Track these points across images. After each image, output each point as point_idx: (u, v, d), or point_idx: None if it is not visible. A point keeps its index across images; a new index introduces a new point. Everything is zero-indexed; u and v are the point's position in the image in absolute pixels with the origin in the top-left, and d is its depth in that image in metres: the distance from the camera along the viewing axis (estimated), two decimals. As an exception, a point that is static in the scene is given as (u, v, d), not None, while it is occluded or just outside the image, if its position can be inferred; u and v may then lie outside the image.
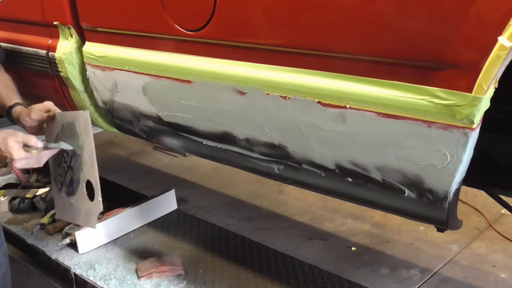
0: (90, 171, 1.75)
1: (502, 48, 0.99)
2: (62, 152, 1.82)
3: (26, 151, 1.61)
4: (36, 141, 1.64)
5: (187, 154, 3.82)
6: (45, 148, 1.69)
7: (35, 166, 1.69)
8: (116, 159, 3.97)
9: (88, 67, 1.98)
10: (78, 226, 2.28)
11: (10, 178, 2.79)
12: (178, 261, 2.11)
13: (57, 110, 1.86)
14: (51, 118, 1.85)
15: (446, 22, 1.06)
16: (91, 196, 1.76)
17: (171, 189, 2.57)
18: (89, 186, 1.77)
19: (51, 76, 2.18)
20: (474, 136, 1.10)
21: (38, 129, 1.89)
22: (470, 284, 2.35)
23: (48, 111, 1.83)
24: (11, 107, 1.92)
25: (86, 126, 1.74)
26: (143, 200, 2.50)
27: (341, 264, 2.48)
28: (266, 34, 1.39)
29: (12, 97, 1.96)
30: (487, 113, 1.07)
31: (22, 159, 1.61)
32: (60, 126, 1.83)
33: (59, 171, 1.90)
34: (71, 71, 2.05)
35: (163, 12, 1.61)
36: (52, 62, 2.11)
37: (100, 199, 1.73)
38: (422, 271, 2.43)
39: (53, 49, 2.09)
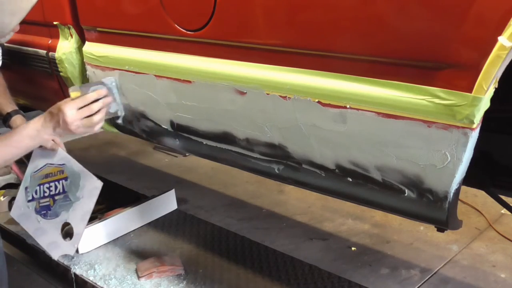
0: (78, 222, 1.83)
1: (502, 48, 0.99)
2: (47, 178, 1.86)
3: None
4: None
5: (187, 154, 3.82)
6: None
7: (93, 121, 1.69)
8: (116, 159, 3.97)
9: (88, 67, 1.98)
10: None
11: (10, 178, 2.79)
12: (178, 261, 2.11)
13: (61, 148, 1.89)
14: (52, 148, 1.87)
15: (446, 22, 1.06)
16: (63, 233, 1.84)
17: (171, 189, 2.57)
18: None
19: (51, 76, 2.18)
20: (474, 136, 1.10)
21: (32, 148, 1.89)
22: (470, 284, 2.35)
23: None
24: (9, 115, 1.92)
25: (93, 193, 1.82)
26: (143, 200, 2.50)
27: (341, 264, 2.48)
28: (266, 34, 1.39)
29: (8, 104, 1.97)
30: (487, 113, 1.07)
31: (71, 110, 1.64)
32: (61, 161, 1.89)
33: (36, 188, 1.92)
34: (71, 71, 2.06)
35: (163, 12, 1.61)
36: (52, 62, 2.12)
37: (77, 246, 1.83)
38: (422, 271, 2.43)
39: (53, 49, 2.09)
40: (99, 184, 1.81)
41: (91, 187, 1.83)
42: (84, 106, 1.68)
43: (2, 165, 1.89)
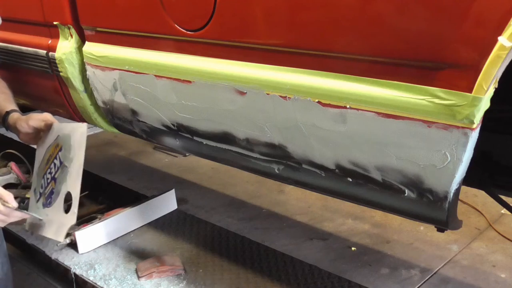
0: (74, 183, 1.75)
1: (502, 48, 0.99)
2: (48, 163, 1.83)
3: None
4: (12, 199, 1.60)
5: (187, 154, 3.82)
6: (17, 209, 1.63)
7: (0, 224, 1.62)
8: (116, 159, 3.97)
9: (88, 67, 1.98)
10: (78, 226, 2.28)
11: (10, 178, 2.79)
12: (178, 261, 2.11)
13: (55, 121, 1.86)
14: (48, 128, 1.86)
15: (446, 22, 1.06)
16: (67, 209, 1.77)
17: (171, 189, 2.57)
18: (69, 199, 1.77)
19: (51, 76, 2.18)
20: (474, 136, 1.10)
21: (33, 137, 1.90)
22: (470, 284, 2.35)
23: (46, 121, 1.83)
24: (7, 113, 1.92)
25: (81, 140, 1.75)
26: (143, 200, 2.50)
27: (341, 264, 2.48)
28: (266, 34, 1.39)
29: (8, 104, 1.97)
30: (487, 113, 1.07)
31: None
32: (55, 136, 1.84)
33: (41, 182, 1.89)
34: (71, 71, 2.05)
35: (163, 12, 1.61)
36: (52, 62, 2.11)
37: (76, 211, 1.74)
38: (422, 271, 2.43)
39: (53, 49, 2.09)
40: (83, 127, 1.74)
41: (78, 136, 1.75)
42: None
43: None
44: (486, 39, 1.01)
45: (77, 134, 1.77)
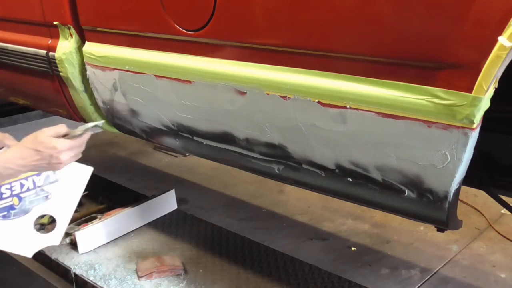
0: (62, 211, 1.82)
1: (502, 48, 0.99)
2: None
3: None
4: (67, 128, 1.46)
5: (187, 154, 3.82)
6: (81, 131, 1.49)
7: (80, 155, 1.49)
8: (116, 159, 3.97)
9: (88, 67, 1.98)
10: (78, 226, 2.28)
11: (10, 178, 2.78)
12: (178, 261, 2.11)
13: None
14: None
15: (446, 22, 1.06)
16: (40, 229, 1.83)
17: (171, 189, 2.57)
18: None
19: (51, 76, 2.18)
20: (474, 136, 1.10)
21: None
22: (470, 284, 2.35)
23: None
24: None
25: (84, 180, 1.83)
26: (143, 200, 2.50)
27: (341, 264, 2.48)
28: (266, 34, 1.39)
29: None
30: (487, 113, 1.07)
31: (68, 151, 1.41)
32: None
33: None
34: (71, 71, 2.05)
35: (163, 12, 1.61)
36: (52, 62, 2.11)
37: (63, 235, 1.82)
38: (422, 271, 2.43)
39: (53, 49, 2.09)
40: (89, 169, 1.78)
41: (77, 175, 1.78)
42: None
43: None
44: (486, 39, 1.01)
45: (75, 173, 1.83)
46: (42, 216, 1.83)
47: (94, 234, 2.24)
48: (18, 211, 1.83)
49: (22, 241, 1.83)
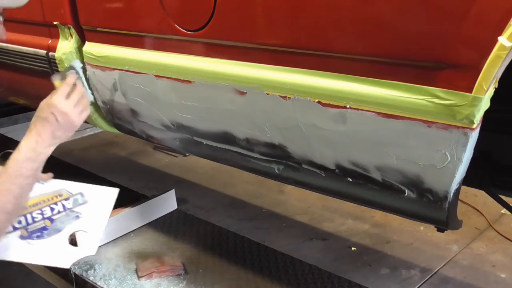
0: (91, 226, 1.87)
1: (502, 48, 0.99)
2: (36, 206, 1.85)
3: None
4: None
5: (187, 154, 3.82)
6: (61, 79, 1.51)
7: (88, 109, 1.49)
8: (116, 159, 3.98)
9: (88, 67, 1.98)
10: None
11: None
12: (178, 261, 2.11)
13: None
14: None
15: (446, 22, 1.06)
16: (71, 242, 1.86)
17: (171, 189, 2.57)
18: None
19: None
20: (474, 136, 1.10)
21: None
22: (470, 284, 2.36)
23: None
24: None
25: (111, 201, 1.88)
26: (143, 200, 2.50)
27: (341, 264, 2.48)
28: (266, 34, 1.39)
29: None
30: (487, 113, 1.07)
31: (67, 100, 1.44)
32: (57, 189, 1.88)
33: (21, 219, 1.83)
34: (71, 71, 2.05)
35: (163, 12, 1.61)
36: (52, 62, 2.11)
37: (97, 246, 1.88)
38: (422, 271, 2.43)
39: (53, 49, 2.09)
40: (115, 191, 1.88)
41: (105, 196, 1.88)
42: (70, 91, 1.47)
43: (11, 219, 1.49)
44: (486, 39, 1.01)
45: (102, 196, 1.91)
46: (80, 234, 1.90)
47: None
48: (50, 231, 1.88)
49: (58, 254, 1.89)
